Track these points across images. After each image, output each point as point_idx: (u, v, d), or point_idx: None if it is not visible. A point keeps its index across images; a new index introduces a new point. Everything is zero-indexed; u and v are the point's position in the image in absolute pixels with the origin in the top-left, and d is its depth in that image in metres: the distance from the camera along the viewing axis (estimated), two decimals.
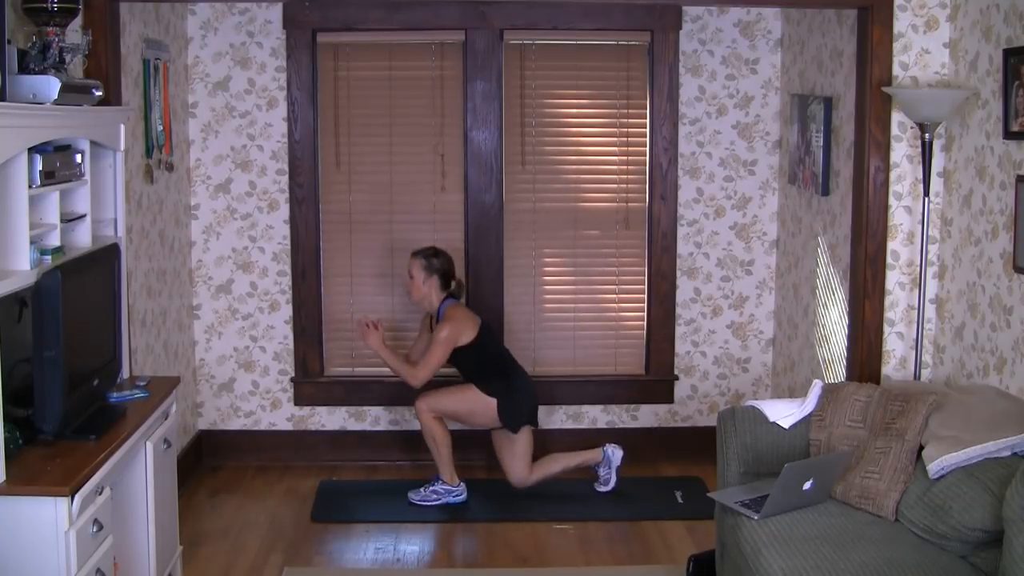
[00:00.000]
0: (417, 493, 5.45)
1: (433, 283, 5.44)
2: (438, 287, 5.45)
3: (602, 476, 5.60)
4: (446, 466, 5.43)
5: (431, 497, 5.42)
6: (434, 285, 5.45)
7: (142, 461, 3.94)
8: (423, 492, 5.44)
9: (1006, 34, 4.13)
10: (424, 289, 5.45)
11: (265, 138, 5.89)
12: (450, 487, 5.44)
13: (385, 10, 5.70)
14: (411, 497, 5.44)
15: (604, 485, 5.59)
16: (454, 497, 5.43)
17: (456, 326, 5.36)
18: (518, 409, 5.42)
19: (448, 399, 5.42)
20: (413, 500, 5.43)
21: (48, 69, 3.58)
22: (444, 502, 5.42)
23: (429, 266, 5.44)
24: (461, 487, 5.46)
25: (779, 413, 4.26)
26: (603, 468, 5.60)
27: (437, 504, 5.41)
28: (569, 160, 6.02)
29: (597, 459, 5.60)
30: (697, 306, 6.11)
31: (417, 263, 5.46)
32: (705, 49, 5.93)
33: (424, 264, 5.44)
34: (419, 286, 5.45)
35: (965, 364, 4.47)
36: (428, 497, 5.42)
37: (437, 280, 5.45)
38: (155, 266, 5.30)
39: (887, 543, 3.58)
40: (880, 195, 4.72)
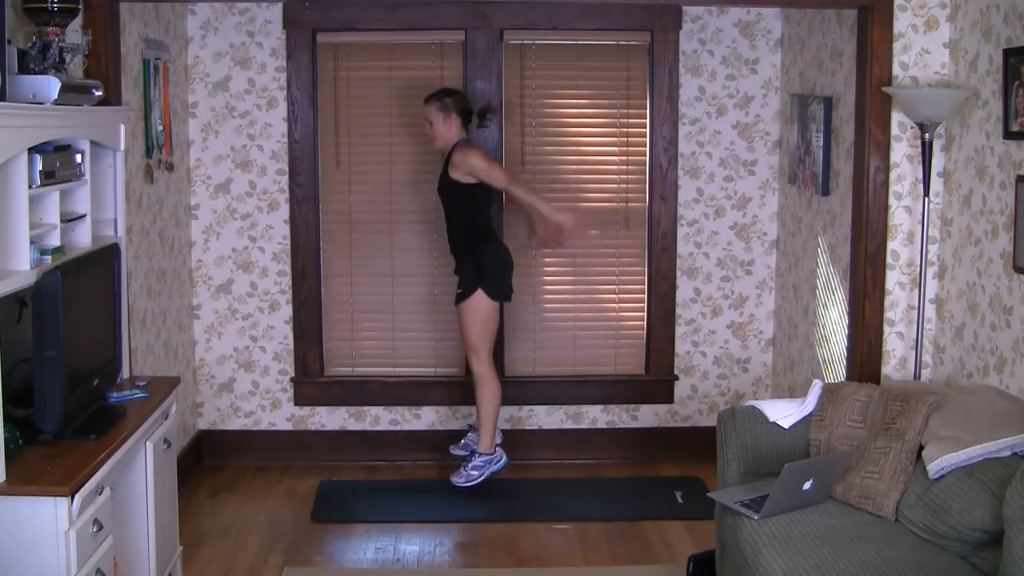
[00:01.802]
0: (460, 475, 5.37)
1: (454, 122, 5.37)
2: (459, 125, 5.38)
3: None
4: (487, 432, 5.36)
5: (473, 476, 5.35)
6: (455, 123, 5.37)
7: (142, 461, 3.94)
8: (465, 472, 5.36)
9: (1006, 34, 4.13)
10: (447, 132, 5.36)
11: (265, 138, 5.89)
12: (488, 456, 5.35)
13: (385, 10, 5.70)
14: (455, 480, 5.37)
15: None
16: (496, 464, 5.35)
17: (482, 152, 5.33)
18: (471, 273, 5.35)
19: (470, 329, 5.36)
20: (458, 483, 5.36)
21: (48, 69, 3.58)
22: (488, 474, 5.33)
23: (444, 106, 5.36)
24: (498, 452, 5.36)
25: (779, 413, 4.26)
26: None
27: (482, 479, 5.33)
28: (569, 160, 6.02)
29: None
30: (697, 306, 6.11)
31: (432, 108, 5.38)
32: (705, 49, 5.93)
33: (439, 105, 5.37)
34: (440, 130, 5.36)
35: (965, 364, 4.47)
36: (471, 476, 5.35)
37: (456, 118, 5.37)
38: (155, 266, 5.30)
39: (887, 543, 3.58)
40: (880, 195, 4.72)
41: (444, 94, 5.42)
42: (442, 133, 5.39)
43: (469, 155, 5.31)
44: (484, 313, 5.39)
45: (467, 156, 5.31)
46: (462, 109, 5.40)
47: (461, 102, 5.42)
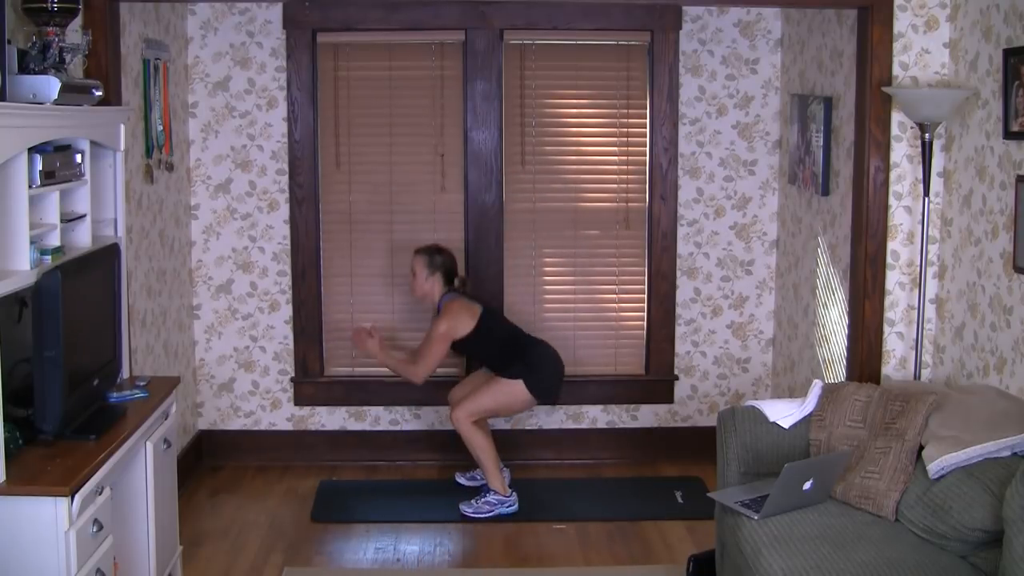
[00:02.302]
0: (470, 505, 5.33)
1: (436, 280, 5.45)
2: (440, 284, 5.46)
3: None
4: (494, 476, 5.33)
5: (483, 509, 5.30)
6: (436, 282, 5.45)
7: (142, 461, 3.94)
8: (475, 504, 5.33)
9: (1006, 34, 4.13)
10: (426, 287, 5.46)
11: (265, 138, 5.89)
12: (502, 497, 5.33)
13: (385, 10, 5.70)
14: (463, 509, 5.31)
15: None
16: (507, 507, 5.32)
17: (451, 320, 5.35)
18: (546, 381, 5.37)
19: (480, 399, 5.34)
20: (466, 512, 5.30)
21: (48, 69, 3.58)
22: (496, 513, 5.30)
23: (431, 263, 5.44)
24: (513, 497, 5.35)
25: (779, 413, 4.26)
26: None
27: (491, 516, 5.29)
28: (569, 160, 6.02)
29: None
30: (697, 306, 6.11)
31: (420, 260, 5.46)
32: (705, 49, 5.93)
33: (427, 261, 5.44)
34: (421, 283, 5.46)
35: (965, 364, 4.47)
36: (481, 509, 5.30)
37: (440, 277, 5.45)
38: (155, 266, 5.30)
39: (887, 543, 3.58)
40: (880, 195, 4.72)
41: (435, 251, 5.48)
42: (422, 287, 5.47)
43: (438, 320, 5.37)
44: (512, 400, 5.37)
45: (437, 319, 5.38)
46: (447, 271, 5.46)
47: (448, 263, 5.48)
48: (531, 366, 5.37)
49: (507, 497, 5.35)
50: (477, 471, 5.56)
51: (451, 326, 5.35)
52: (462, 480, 5.64)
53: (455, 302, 5.43)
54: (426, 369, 5.38)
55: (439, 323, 5.36)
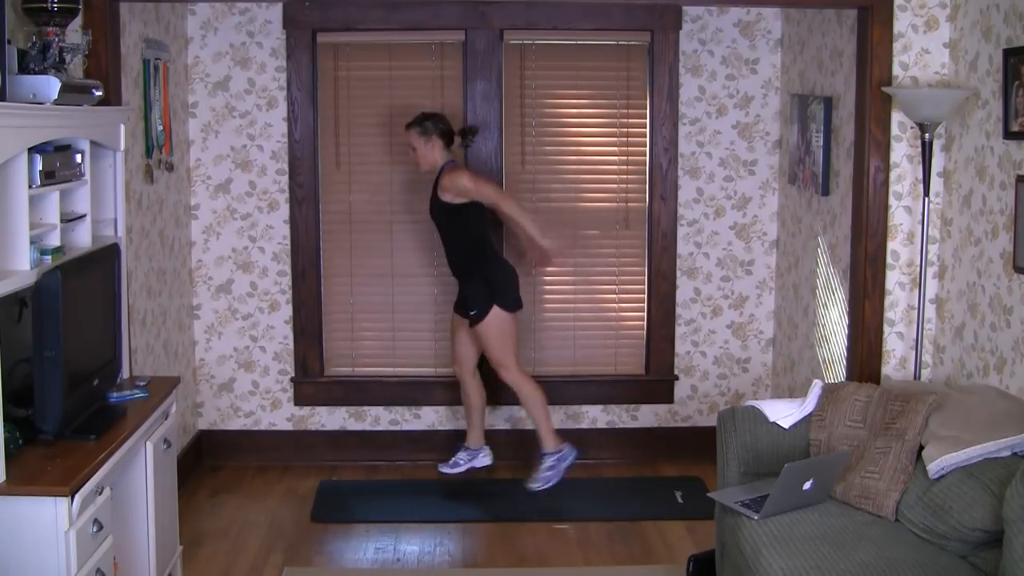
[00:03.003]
0: (536, 481, 5.38)
1: (436, 144, 5.38)
2: (442, 147, 5.40)
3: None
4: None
5: (549, 475, 5.38)
6: (438, 146, 5.39)
7: (142, 461, 3.94)
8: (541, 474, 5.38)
9: (1006, 34, 4.13)
10: (430, 155, 5.38)
11: (265, 138, 5.89)
12: (558, 453, 5.39)
13: (385, 10, 5.70)
14: (532, 487, 5.38)
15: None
16: (568, 459, 5.41)
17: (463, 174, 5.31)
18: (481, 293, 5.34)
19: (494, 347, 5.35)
20: (536, 489, 5.37)
21: (48, 69, 3.58)
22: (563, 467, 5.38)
23: (424, 130, 5.37)
24: (484, 449, 5.49)
25: (779, 413, 4.26)
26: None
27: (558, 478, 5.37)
28: (569, 160, 6.02)
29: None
30: (697, 306, 6.11)
31: (413, 133, 5.39)
32: (705, 49, 5.93)
33: (420, 130, 5.38)
34: (424, 154, 5.39)
35: (965, 364, 4.47)
36: (547, 478, 5.38)
37: (439, 140, 5.39)
38: (155, 266, 5.30)
39: (887, 543, 3.58)
40: (880, 195, 4.72)
41: (424, 118, 5.42)
42: (426, 157, 5.40)
43: (457, 176, 5.31)
44: (504, 327, 5.39)
45: (455, 177, 5.31)
46: (443, 131, 5.41)
47: (441, 124, 5.42)
48: (494, 282, 5.36)
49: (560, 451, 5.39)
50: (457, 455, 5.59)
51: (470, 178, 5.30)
52: (445, 469, 5.62)
53: (457, 167, 5.40)
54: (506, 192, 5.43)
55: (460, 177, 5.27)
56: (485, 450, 5.58)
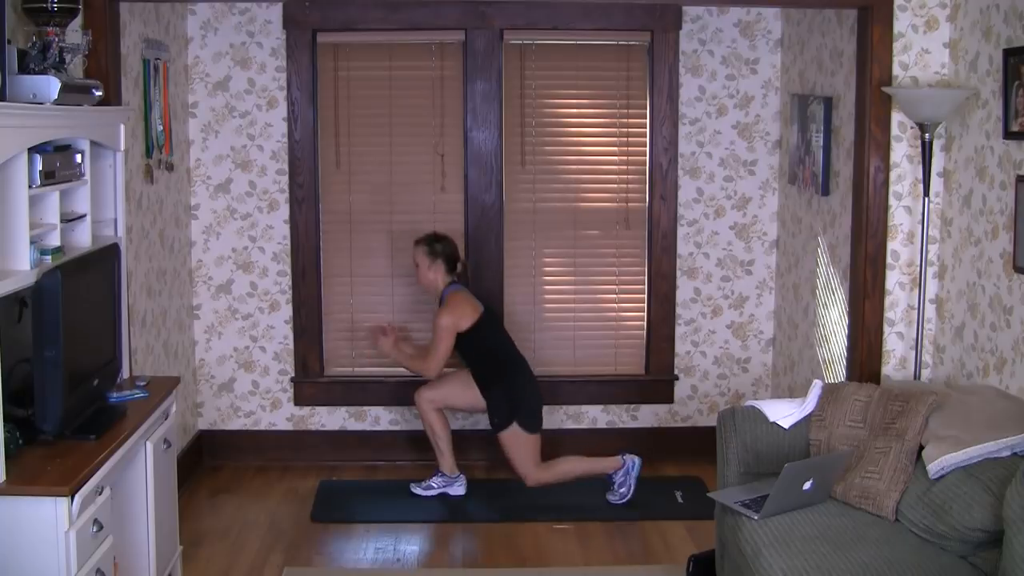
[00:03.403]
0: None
1: (439, 268, 5.46)
2: (444, 271, 5.48)
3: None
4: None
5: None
6: (440, 270, 5.47)
7: (142, 461, 3.94)
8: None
9: (1006, 34, 4.13)
10: (430, 275, 5.47)
11: (265, 138, 5.89)
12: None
13: (385, 10, 5.70)
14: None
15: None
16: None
17: (455, 311, 5.37)
18: (503, 408, 5.36)
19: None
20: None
21: (48, 69, 3.58)
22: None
23: (432, 251, 5.46)
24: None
25: (779, 413, 4.26)
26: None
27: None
28: (569, 160, 6.02)
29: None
30: (697, 306, 6.11)
31: (420, 250, 5.48)
32: (705, 49, 5.93)
33: (427, 250, 5.46)
34: (425, 273, 5.48)
35: (965, 364, 4.47)
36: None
37: (442, 264, 5.47)
38: (155, 266, 5.30)
39: (887, 543, 3.58)
40: (880, 195, 4.72)
41: (434, 240, 5.48)
42: (426, 276, 5.48)
43: (441, 311, 5.39)
44: (524, 443, 5.40)
45: (440, 310, 5.39)
46: (448, 256, 5.47)
47: (448, 248, 5.48)
48: (504, 387, 5.38)
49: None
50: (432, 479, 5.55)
51: (455, 318, 5.37)
52: (417, 490, 5.57)
53: (459, 294, 5.45)
54: (436, 363, 5.41)
55: (442, 316, 5.37)
56: (461, 479, 5.54)
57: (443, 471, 5.51)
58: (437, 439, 5.48)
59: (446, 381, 5.48)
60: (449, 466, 5.51)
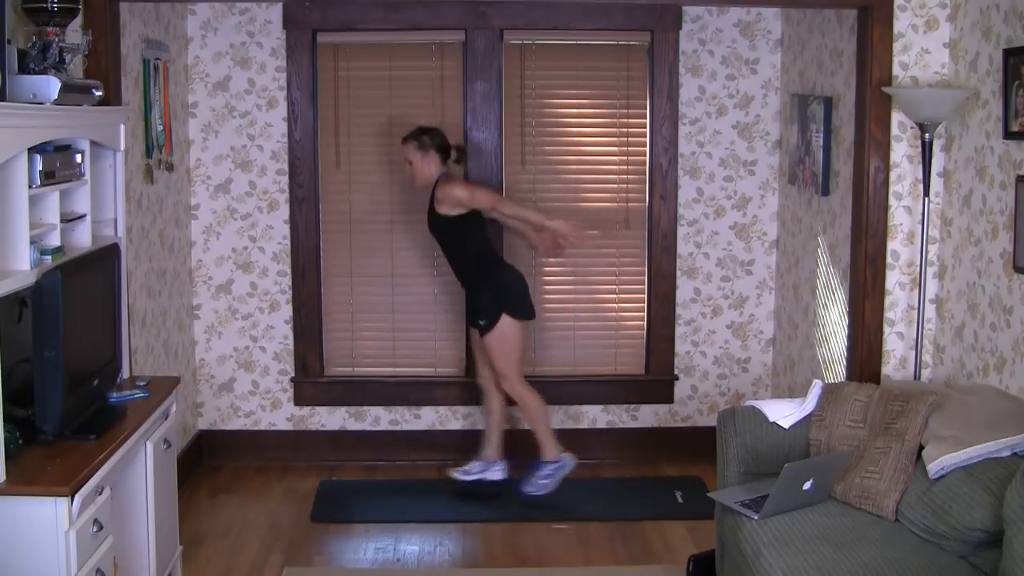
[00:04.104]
0: (529, 484, 5.40)
1: (432, 159, 5.38)
2: (439, 162, 5.39)
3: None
4: (548, 441, 5.41)
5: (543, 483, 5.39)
6: (434, 160, 5.38)
7: (142, 461, 3.94)
8: (537, 480, 5.39)
9: (1006, 34, 4.13)
10: (427, 169, 5.38)
11: (265, 138, 5.89)
12: (556, 462, 5.41)
13: (385, 10, 5.70)
14: (526, 491, 5.39)
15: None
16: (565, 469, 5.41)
17: (457, 185, 5.33)
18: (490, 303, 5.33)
19: (499, 359, 5.36)
20: (529, 493, 5.39)
21: (48, 69, 3.58)
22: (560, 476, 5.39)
23: (421, 144, 5.37)
24: (564, 457, 5.43)
25: (779, 413, 4.26)
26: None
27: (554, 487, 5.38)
28: (569, 160, 6.02)
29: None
30: (697, 306, 6.11)
31: (410, 147, 5.39)
32: (705, 49, 5.93)
33: (417, 144, 5.38)
34: (421, 168, 5.38)
35: (965, 364, 4.47)
36: (541, 484, 5.39)
37: (435, 155, 5.38)
38: (155, 266, 5.30)
39: (887, 543, 3.58)
40: (880, 195, 4.72)
41: (420, 132, 5.42)
42: (422, 171, 5.40)
43: (450, 187, 5.32)
44: (513, 337, 5.38)
45: (449, 189, 5.32)
46: (439, 146, 5.41)
47: (438, 139, 5.42)
48: (503, 290, 5.36)
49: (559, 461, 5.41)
50: (472, 464, 5.54)
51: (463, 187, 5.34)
52: (458, 475, 5.59)
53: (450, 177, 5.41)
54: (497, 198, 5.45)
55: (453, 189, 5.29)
56: (500, 464, 5.52)
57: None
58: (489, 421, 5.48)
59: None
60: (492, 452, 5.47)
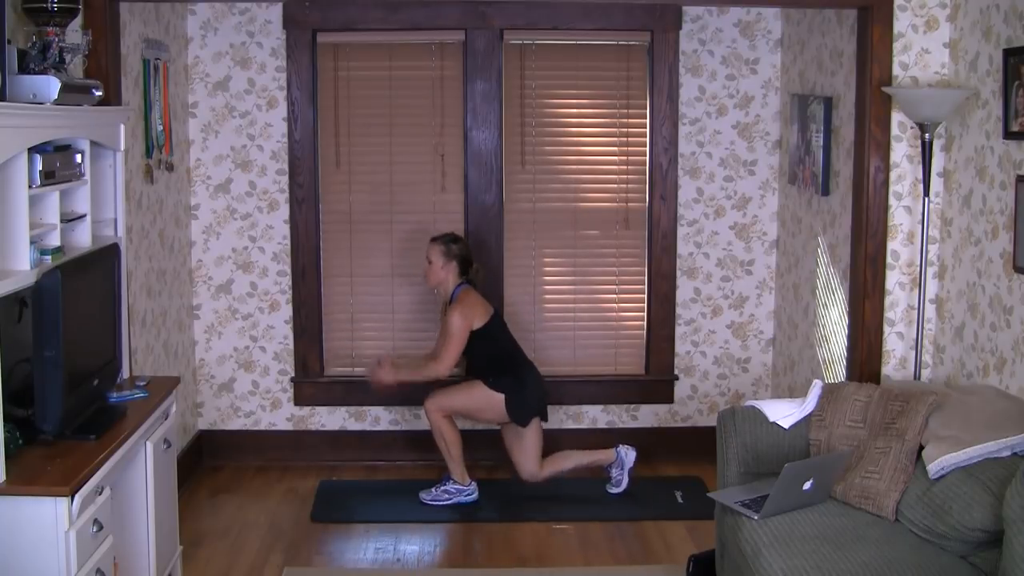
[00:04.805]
0: (428, 493, 5.44)
1: (451, 268, 5.43)
2: (456, 273, 5.45)
3: (614, 477, 5.57)
4: (457, 465, 5.42)
5: (442, 497, 5.42)
6: (452, 271, 5.44)
7: (142, 461, 3.94)
8: (434, 492, 5.44)
9: (1006, 34, 4.13)
10: (442, 274, 5.44)
11: (265, 138, 5.89)
12: (461, 486, 5.43)
13: (385, 10, 5.70)
14: (423, 497, 5.44)
15: (616, 487, 5.56)
16: (465, 496, 5.43)
17: (467, 310, 5.35)
18: (526, 403, 5.39)
19: (456, 397, 5.39)
20: (424, 500, 5.42)
21: (48, 69, 3.58)
22: (455, 501, 5.41)
23: (448, 252, 5.43)
24: (472, 486, 5.45)
25: (779, 413, 4.26)
26: (615, 469, 5.57)
27: (448, 504, 5.40)
28: (569, 160, 6.02)
29: (610, 459, 5.57)
30: (697, 306, 6.11)
31: (436, 248, 5.44)
32: (705, 49, 5.93)
33: (443, 250, 5.43)
34: (437, 271, 5.44)
35: (965, 364, 4.47)
36: (439, 497, 5.41)
37: (456, 266, 5.44)
38: (155, 266, 5.30)
39: (887, 543, 3.58)
40: (880, 195, 4.72)
41: (452, 240, 5.46)
42: (438, 275, 5.45)
43: (454, 312, 5.35)
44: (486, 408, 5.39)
45: (453, 310, 5.36)
46: (462, 258, 5.45)
47: (464, 251, 5.47)
48: (519, 384, 5.38)
49: (466, 486, 5.44)
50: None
51: (468, 315, 5.34)
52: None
53: (471, 294, 5.43)
54: (449, 362, 5.37)
55: (455, 312, 5.34)
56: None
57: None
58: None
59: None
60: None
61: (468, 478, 5.46)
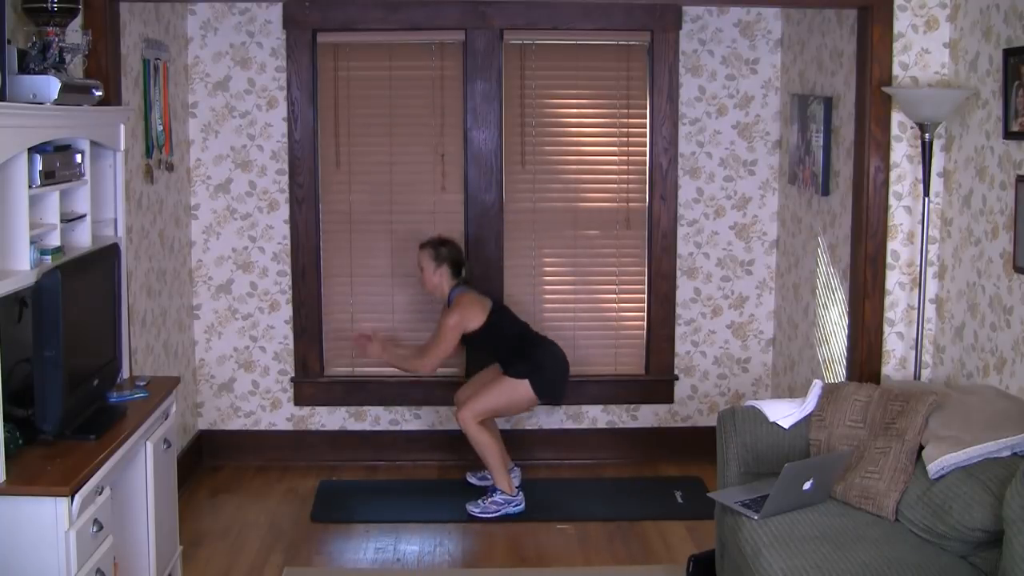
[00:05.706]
0: (477, 505, 5.32)
1: (443, 272, 5.44)
2: (449, 276, 5.45)
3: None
4: (500, 475, 5.33)
5: (491, 508, 5.30)
6: (445, 274, 5.44)
7: (142, 461, 3.94)
8: (483, 504, 5.32)
9: (1006, 34, 4.13)
10: (435, 279, 5.45)
11: (265, 138, 5.89)
12: (509, 496, 5.33)
13: (385, 10, 5.70)
14: (471, 510, 5.30)
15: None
16: (513, 507, 5.32)
17: (464, 312, 5.35)
18: (552, 381, 5.38)
19: (486, 399, 5.32)
20: (473, 512, 5.29)
21: (48, 69, 3.58)
22: (504, 512, 5.30)
23: (438, 255, 5.44)
24: (519, 496, 5.36)
25: (779, 413, 4.26)
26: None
27: (498, 516, 5.28)
28: (569, 160, 6.02)
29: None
30: (697, 306, 6.11)
31: (426, 254, 5.46)
32: (705, 49, 5.93)
33: (433, 254, 5.44)
34: (430, 277, 5.46)
35: (965, 364, 4.47)
36: (488, 508, 5.30)
37: (447, 269, 5.44)
38: (155, 266, 5.30)
39: (887, 543, 3.58)
40: (880, 195, 4.72)
41: (439, 243, 5.47)
42: (431, 280, 5.46)
43: (449, 311, 5.36)
44: (517, 399, 5.36)
45: (449, 310, 5.37)
46: (453, 260, 5.45)
47: (454, 253, 5.46)
48: (538, 366, 5.36)
49: (514, 497, 5.34)
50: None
51: (462, 318, 5.34)
52: (473, 479, 5.62)
53: (467, 295, 5.43)
54: (435, 359, 5.38)
55: (450, 315, 5.35)
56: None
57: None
58: (488, 457, 5.30)
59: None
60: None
61: (515, 488, 5.37)
